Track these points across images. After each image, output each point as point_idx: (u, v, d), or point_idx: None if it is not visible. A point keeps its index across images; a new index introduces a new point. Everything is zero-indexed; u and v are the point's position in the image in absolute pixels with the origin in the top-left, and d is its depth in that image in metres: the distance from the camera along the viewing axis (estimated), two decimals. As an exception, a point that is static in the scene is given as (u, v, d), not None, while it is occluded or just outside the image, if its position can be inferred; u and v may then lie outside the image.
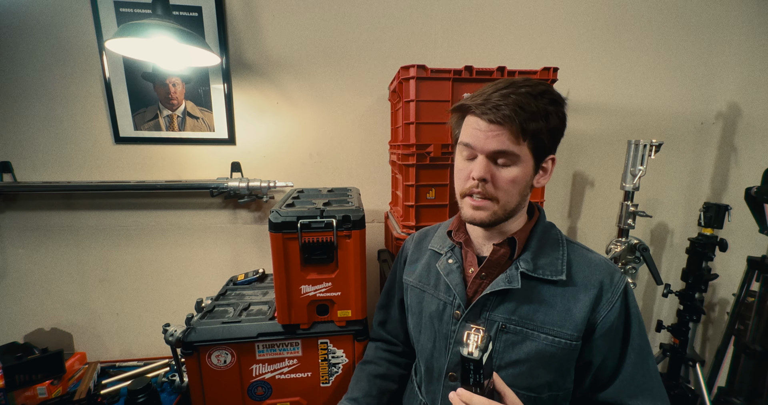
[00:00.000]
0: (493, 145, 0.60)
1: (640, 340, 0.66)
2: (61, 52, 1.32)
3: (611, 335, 0.64)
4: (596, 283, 0.65)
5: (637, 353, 0.65)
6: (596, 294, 0.64)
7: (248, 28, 1.38)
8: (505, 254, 0.68)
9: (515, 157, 0.61)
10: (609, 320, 0.63)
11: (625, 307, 0.65)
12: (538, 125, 0.60)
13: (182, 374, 1.29)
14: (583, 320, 0.63)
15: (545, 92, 0.62)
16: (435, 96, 1.10)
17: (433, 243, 0.81)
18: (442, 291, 0.74)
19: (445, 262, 0.74)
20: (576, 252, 0.69)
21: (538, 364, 0.65)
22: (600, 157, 1.63)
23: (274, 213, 0.97)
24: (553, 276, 0.65)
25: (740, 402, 1.34)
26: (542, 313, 0.64)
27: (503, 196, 0.63)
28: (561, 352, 0.64)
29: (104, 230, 1.46)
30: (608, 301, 0.64)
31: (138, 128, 1.39)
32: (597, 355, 0.65)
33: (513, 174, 0.62)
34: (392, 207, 1.45)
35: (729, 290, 1.65)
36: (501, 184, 0.62)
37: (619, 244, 1.40)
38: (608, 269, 0.67)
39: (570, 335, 0.63)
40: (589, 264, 0.67)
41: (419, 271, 0.81)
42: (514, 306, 0.65)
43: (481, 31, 1.46)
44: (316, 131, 1.49)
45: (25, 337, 1.47)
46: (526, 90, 0.60)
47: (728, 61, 1.59)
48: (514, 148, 0.60)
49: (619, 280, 0.66)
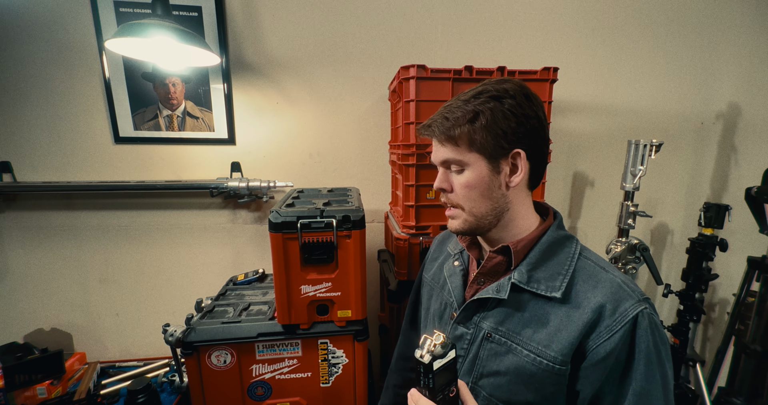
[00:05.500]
0: (437, 156, 0.64)
1: (645, 382, 0.55)
2: (61, 52, 1.32)
3: (606, 369, 0.56)
4: (595, 306, 0.57)
5: (638, 397, 0.55)
6: (593, 318, 0.56)
7: (248, 28, 1.38)
8: (501, 262, 0.65)
9: (460, 162, 0.62)
10: (604, 350, 0.55)
11: (630, 340, 0.56)
12: (463, 129, 0.59)
13: (182, 374, 1.29)
14: (571, 345, 0.57)
15: (483, 92, 0.60)
16: (435, 96, 1.10)
17: (451, 245, 0.82)
18: (446, 292, 0.75)
19: (451, 265, 0.76)
20: (587, 270, 0.62)
21: (517, 379, 0.61)
22: (600, 157, 1.63)
23: (274, 213, 0.97)
24: (547, 292, 0.60)
25: (740, 402, 1.34)
26: (531, 330, 0.61)
27: (465, 202, 0.63)
28: (542, 374, 0.59)
29: (104, 230, 1.46)
30: (607, 328, 0.56)
31: (138, 128, 1.39)
32: (586, 387, 0.58)
33: (464, 178, 0.62)
34: (392, 207, 1.45)
35: (729, 290, 1.65)
36: (457, 190, 0.64)
37: (620, 244, 1.40)
38: (617, 294, 0.57)
39: (553, 358, 0.58)
40: (596, 285, 0.59)
41: (434, 270, 0.82)
42: (504, 316, 0.63)
43: (481, 31, 1.46)
44: (316, 131, 1.49)
45: (25, 337, 1.47)
46: (469, 95, 0.61)
47: (728, 61, 1.59)
48: (455, 154, 0.61)
49: (629, 309, 0.56)
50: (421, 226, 1.16)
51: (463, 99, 0.61)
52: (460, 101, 0.61)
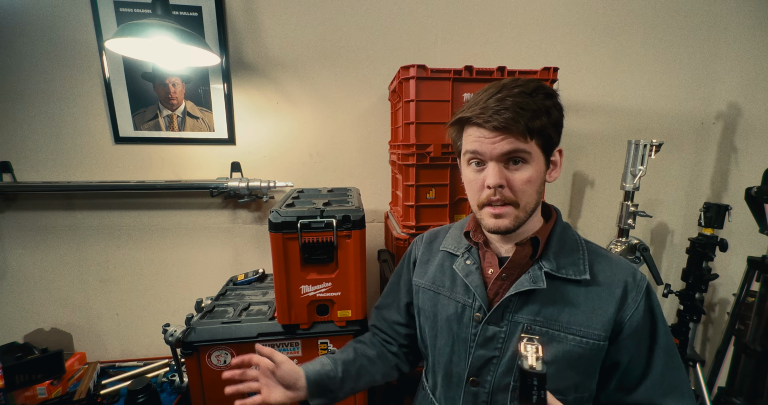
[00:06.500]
0: (502, 148, 0.59)
1: (666, 338, 0.65)
2: (61, 52, 1.32)
3: (638, 335, 0.63)
4: (620, 282, 0.64)
5: (665, 352, 0.64)
6: (621, 293, 0.63)
7: (248, 28, 1.38)
8: (527, 254, 0.66)
9: (527, 155, 0.60)
10: (636, 319, 0.63)
11: (649, 305, 0.64)
12: (541, 121, 0.59)
13: (182, 374, 1.29)
14: (610, 320, 0.62)
15: (538, 88, 0.61)
16: (435, 96, 1.10)
17: (445, 244, 0.78)
18: (460, 293, 0.71)
19: (463, 263, 0.72)
20: (595, 252, 0.69)
21: (565, 365, 0.63)
22: (600, 157, 1.63)
23: (274, 213, 0.97)
24: (577, 275, 0.64)
25: (740, 402, 1.34)
26: (567, 314, 0.63)
27: (522, 198, 0.62)
28: (589, 353, 0.63)
29: (104, 230, 1.46)
30: (633, 300, 0.63)
31: (138, 128, 1.39)
32: (625, 355, 0.64)
33: (527, 174, 0.61)
34: (392, 207, 1.45)
35: (729, 290, 1.65)
36: (517, 186, 0.61)
37: (619, 244, 1.40)
38: (630, 268, 0.66)
39: (597, 335, 0.62)
40: (610, 264, 0.67)
41: (432, 273, 0.78)
42: (539, 307, 0.64)
43: (481, 31, 1.46)
44: (316, 131, 1.49)
45: (25, 337, 1.47)
46: (519, 90, 0.59)
47: (728, 61, 1.59)
48: (525, 146, 0.59)
49: (641, 279, 0.65)
50: (421, 226, 1.16)
51: (524, 92, 0.59)
52: (524, 95, 0.59)
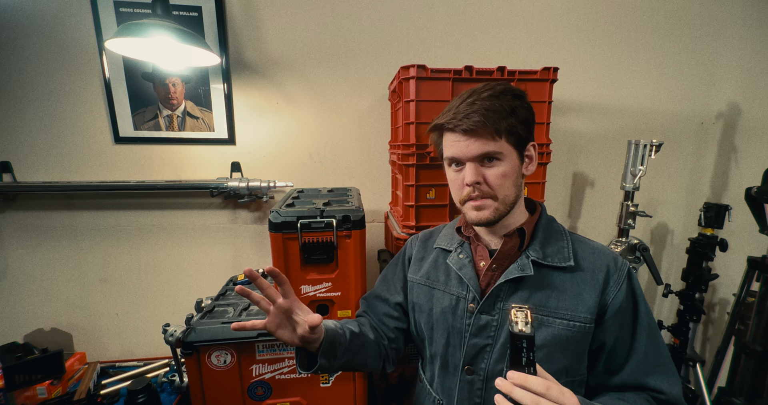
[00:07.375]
0: (475, 150, 0.65)
1: (648, 318, 0.69)
2: (61, 52, 1.32)
3: (621, 315, 0.68)
4: (603, 267, 0.69)
5: (647, 331, 0.69)
6: (604, 277, 0.68)
7: (248, 28, 1.38)
8: (514, 245, 0.71)
9: (498, 153, 0.66)
10: (618, 301, 0.67)
11: (630, 288, 0.69)
12: (509, 121, 0.65)
13: (182, 374, 1.29)
14: (596, 303, 0.67)
15: (506, 90, 0.67)
16: (435, 96, 1.10)
17: (439, 241, 0.83)
18: (454, 286, 0.75)
19: (457, 257, 0.76)
20: (578, 241, 0.74)
21: (555, 349, 0.67)
22: (600, 157, 1.63)
23: (274, 213, 0.97)
24: (562, 263, 0.69)
25: (740, 402, 1.34)
26: (555, 299, 0.68)
27: (500, 191, 0.67)
28: (576, 336, 0.67)
29: (104, 230, 1.46)
30: (615, 282, 0.68)
31: (138, 128, 1.39)
32: (610, 336, 0.68)
33: (501, 170, 0.66)
34: (392, 207, 1.45)
35: (729, 290, 1.65)
36: (493, 181, 0.67)
37: (619, 244, 1.40)
38: (611, 254, 0.72)
39: (584, 318, 0.66)
40: (593, 251, 0.72)
41: (426, 269, 0.81)
42: (527, 294, 0.68)
43: (481, 31, 1.46)
44: (316, 131, 1.49)
45: (25, 337, 1.47)
46: (488, 93, 0.65)
47: (728, 61, 1.59)
48: (495, 146, 0.65)
49: (622, 264, 0.71)
50: (421, 226, 1.16)
51: (492, 95, 0.65)
52: (492, 98, 0.65)
